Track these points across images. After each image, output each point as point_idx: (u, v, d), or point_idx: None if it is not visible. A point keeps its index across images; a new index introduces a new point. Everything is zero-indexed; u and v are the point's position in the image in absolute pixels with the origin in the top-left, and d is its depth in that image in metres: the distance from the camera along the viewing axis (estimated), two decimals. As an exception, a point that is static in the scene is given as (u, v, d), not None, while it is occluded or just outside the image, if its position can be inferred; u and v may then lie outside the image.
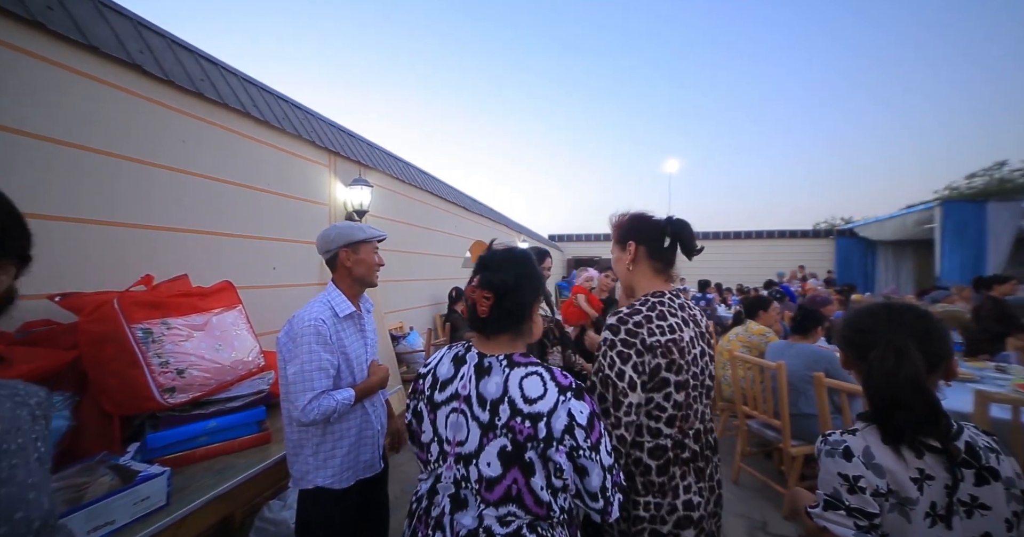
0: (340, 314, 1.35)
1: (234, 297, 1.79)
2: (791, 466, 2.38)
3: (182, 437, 1.37)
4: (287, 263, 2.67)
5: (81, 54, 1.65)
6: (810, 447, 2.37)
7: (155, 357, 1.35)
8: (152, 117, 1.92)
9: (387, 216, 3.91)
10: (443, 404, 0.87)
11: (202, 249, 2.14)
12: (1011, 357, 3.03)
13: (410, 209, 4.42)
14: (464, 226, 6.14)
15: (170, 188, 1.99)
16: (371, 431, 1.42)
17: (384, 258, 1.53)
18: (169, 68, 1.97)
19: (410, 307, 4.46)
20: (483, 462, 0.79)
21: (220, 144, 2.26)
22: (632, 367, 0.98)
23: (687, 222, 1.14)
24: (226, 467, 1.37)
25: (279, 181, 2.63)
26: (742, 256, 13.21)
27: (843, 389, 2.06)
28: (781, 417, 2.40)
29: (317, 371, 1.24)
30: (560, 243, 15.45)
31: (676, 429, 1.03)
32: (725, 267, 12.67)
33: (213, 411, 1.45)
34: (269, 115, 2.55)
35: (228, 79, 2.40)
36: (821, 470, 0.84)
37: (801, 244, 12.80)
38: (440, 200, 5.22)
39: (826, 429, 2.07)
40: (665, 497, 1.02)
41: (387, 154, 4.08)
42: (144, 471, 1.13)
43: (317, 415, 1.22)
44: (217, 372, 1.51)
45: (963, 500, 0.75)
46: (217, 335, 1.58)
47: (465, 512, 0.80)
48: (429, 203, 4.91)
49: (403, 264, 4.26)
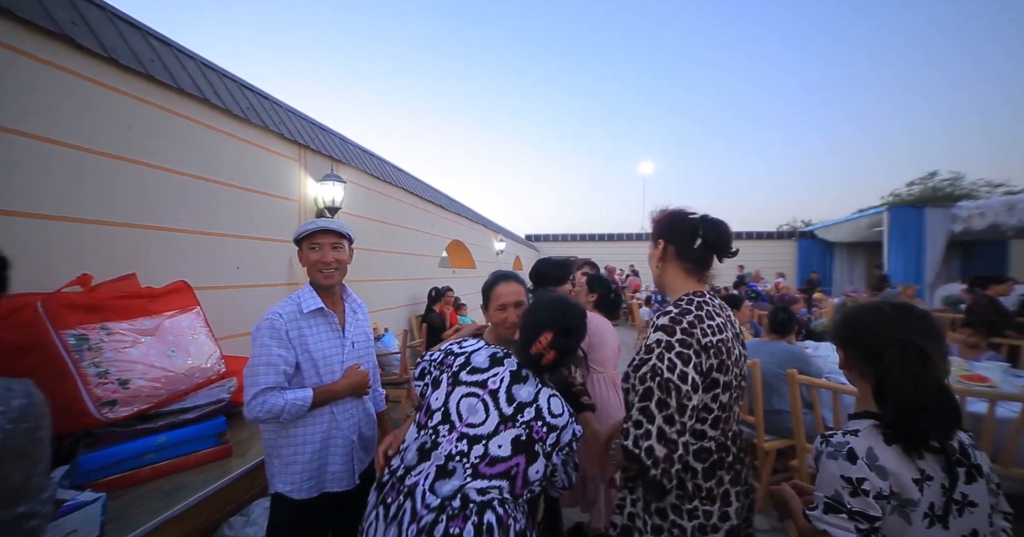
0: (304, 310, 1.28)
1: (190, 298, 1.64)
2: (764, 461, 2.43)
3: (124, 456, 1.22)
4: (253, 262, 2.49)
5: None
6: (782, 441, 2.44)
7: (91, 366, 1.19)
8: (89, 98, 1.72)
9: (360, 214, 3.75)
10: (465, 385, 1.03)
11: (154, 246, 1.95)
12: (954, 349, 3.23)
13: (385, 207, 4.27)
14: (441, 225, 6.02)
15: (112, 178, 1.79)
16: (342, 440, 1.32)
17: (357, 257, 1.44)
18: (111, 44, 1.78)
19: (385, 308, 4.31)
20: (494, 443, 0.96)
21: (175, 132, 2.07)
22: (693, 368, 0.92)
23: (721, 222, 1.08)
24: (177, 487, 1.23)
25: (243, 175, 2.45)
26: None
27: (815, 385, 2.12)
28: (755, 413, 2.45)
29: (264, 366, 1.19)
30: (537, 243, 15.53)
31: (719, 432, 1.00)
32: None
33: (163, 425, 1.31)
34: (232, 104, 2.37)
35: (184, 62, 2.21)
36: (821, 471, 0.81)
37: (766, 245, 13.42)
38: (416, 198, 5.08)
39: (798, 425, 2.16)
40: (714, 503, 0.97)
41: (360, 149, 3.91)
42: (71, 500, 0.98)
43: (260, 413, 1.16)
44: (169, 381, 1.36)
45: (956, 499, 0.75)
46: (170, 340, 1.43)
47: (446, 481, 0.93)
48: (405, 201, 4.76)
49: (378, 263, 4.10)
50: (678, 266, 1.09)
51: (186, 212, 2.11)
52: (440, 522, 0.88)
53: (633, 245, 15.04)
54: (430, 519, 0.89)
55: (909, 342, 0.77)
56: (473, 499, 0.91)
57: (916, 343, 0.77)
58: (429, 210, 5.56)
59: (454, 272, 6.79)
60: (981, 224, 8.00)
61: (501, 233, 9.76)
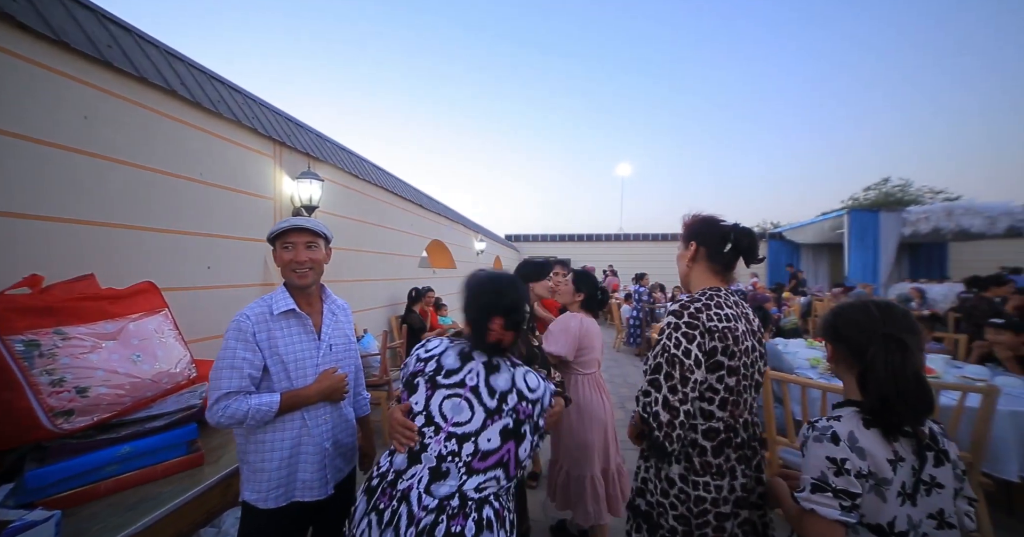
0: (275, 311, 1.22)
1: (157, 300, 1.55)
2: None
3: (81, 469, 1.13)
4: (225, 262, 2.38)
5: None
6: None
7: (43, 375, 1.10)
8: (38, 83, 1.59)
9: (338, 213, 3.65)
10: (444, 387, 1.03)
11: (116, 245, 1.83)
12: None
13: (363, 206, 4.17)
14: (421, 224, 5.94)
15: (68, 171, 1.67)
16: (313, 447, 1.24)
17: (335, 257, 1.38)
18: (59, 25, 1.65)
19: (364, 309, 4.21)
20: (483, 438, 0.97)
21: (138, 124, 1.95)
22: (697, 346, 1.03)
23: (751, 231, 1.18)
24: (143, 499, 1.15)
25: (214, 171, 2.34)
26: (687, 257, 14.07)
27: (786, 381, 2.21)
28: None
29: (227, 369, 1.14)
30: (517, 243, 15.56)
31: (728, 413, 1.07)
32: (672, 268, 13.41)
33: (127, 434, 1.22)
34: (201, 96, 2.26)
35: (147, 50, 2.09)
36: (808, 455, 0.87)
37: (738, 246, 13.90)
38: (395, 197, 4.99)
39: (769, 418, 2.25)
40: (723, 479, 1.06)
41: (338, 147, 3.81)
42: (19, 520, 0.90)
43: (222, 418, 1.11)
44: (134, 388, 1.28)
45: (924, 480, 0.82)
46: (135, 344, 1.35)
47: (442, 483, 0.94)
48: (384, 200, 4.67)
49: (356, 263, 4.00)
50: (707, 267, 1.19)
51: (150, 209, 1.99)
52: (440, 522, 0.89)
53: (611, 245, 15.30)
54: (429, 520, 0.89)
55: (891, 336, 0.83)
56: (471, 497, 0.93)
57: (897, 337, 0.83)
58: (409, 209, 5.48)
59: (434, 272, 6.71)
60: (926, 228, 8.70)
61: (481, 233, 9.73)
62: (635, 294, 6.98)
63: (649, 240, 15.21)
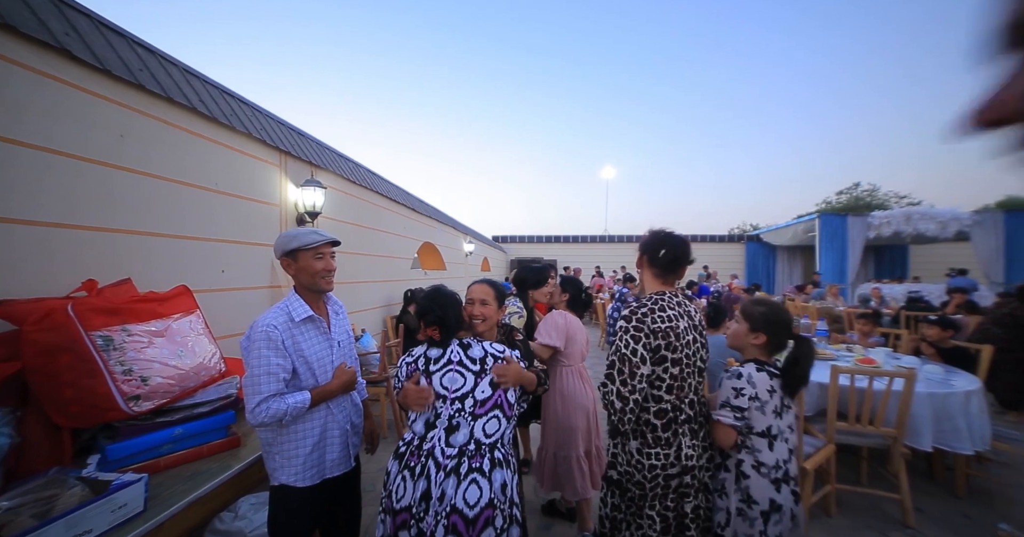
0: (296, 319, 1.36)
1: (191, 302, 1.74)
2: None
3: (145, 447, 1.34)
4: (237, 266, 2.56)
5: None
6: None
7: (117, 365, 1.30)
8: (84, 108, 1.77)
9: (338, 218, 3.84)
10: (438, 370, 1.33)
11: (145, 251, 2.00)
12: (854, 337, 3.82)
13: (361, 210, 4.36)
14: (413, 227, 6.13)
15: (105, 185, 1.85)
16: (338, 430, 1.46)
17: (336, 261, 1.51)
18: (103, 55, 1.84)
19: (362, 309, 4.39)
20: (478, 391, 1.29)
21: (162, 140, 2.13)
22: (643, 346, 1.30)
23: (678, 238, 1.44)
24: (196, 473, 1.36)
25: (228, 180, 2.52)
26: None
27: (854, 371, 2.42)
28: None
29: (265, 376, 1.27)
30: (504, 244, 15.78)
31: (674, 396, 1.33)
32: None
33: (179, 418, 1.43)
34: (216, 111, 2.43)
35: (169, 70, 2.27)
36: (722, 387, 1.41)
37: (718, 247, 14.48)
38: (390, 201, 5.18)
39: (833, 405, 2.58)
40: (670, 448, 1.32)
41: (337, 154, 3.99)
42: (117, 479, 1.12)
43: (266, 418, 1.25)
44: (180, 378, 1.48)
45: (786, 404, 1.40)
46: (178, 341, 1.54)
47: (458, 433, 1.24)
48: (379, 204, 4.86)
49: (354, 266, 4.19)
50: (651, 272, 1.44)
51: (179, 218, 2.17)
52: (463, 462, 1.19)
53: (598, 246, 15.68)
54: (453, 463, 1.18)
55: (790, 325, 1.44)
56: (483, 442, 1.24)
57: (800, 334, 1.45)
58: (402, 213, 5.66)
59: (425, 273, 6.90)
60: (888, 231, 9.31)
61: (470, 235, 9.94)
62: (618, 295, 7.31)
63: (633, 241, 15.63)
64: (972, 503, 2.45)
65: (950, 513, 2.37)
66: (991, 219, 8.96)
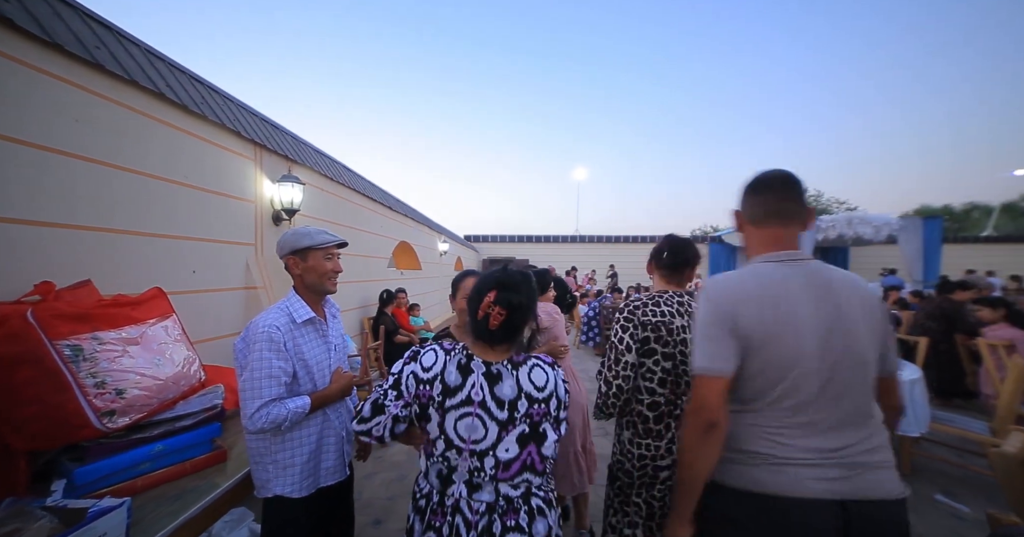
0: (298, 320, 1.30)
1: (166, 305, 1.59)
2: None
3: (120, 467, 1.20)
4: (209, 265, 2.37)
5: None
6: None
7: (88, 377, 1.16)
8: (28, 85, 1.56)
9: (315, 215, 3.65)
10: (453, 409, 0.99)
11: (106, 250, 1.81)
12: None
13: (338, 208, 4.17)
14: (389, 226, 5.95)
15: (57, 176, 1.65)
16: (334, 437, 1.40)
17: None
18: (49, 25, 1.62)
19: (338, 312, 4.21)
20: (501, 450, 0.97)
21: (125, 127, 1.93)
22: (629, 335, 1.37)
23: (676, 239, 1.53)
24: (183, 491, 1.24)
25: (199, 174, 2.33)
26: (640, 258, 15.16)
27: None
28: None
29: (267, 379, 1.21)
30: (476, 244, 15.68)
31: (668, 390, 1.37)
32: (627, 267, 14.44)
33: (159, 433, 1.30)
34: (186, 98, 2.24)
35: (130, 50, 2.06)
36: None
37: (683, 249, 15.06)
38: (366, 199, 5.00)
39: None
40: (661, 440, 1.36)
41: (314, 149, 3.80)
42: (94, 506, 1.00)
43: (265, 424, 1.18)
44: (159, 389, 1.34)
45: None
46: (155, 349, 1.41)
47: (482, 491, 0.98)
48: (355, 202, 4.68)
49: (330, 266, 4.00)
50: (658, 273, 1.53)
51: (145, 213, 1.98)
52: (495, 521, 0.95)
53: (569, 246, 15.92)
54: (485, 521, 0.95)
55: None
56: (512, 495, 0.98)
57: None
58: (378, 211, 5.48)
59: (401, 273, 6.72)
60: (833, 234, 10.29)
61: (444, 234, 9.79)
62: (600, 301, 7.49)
63: (604, 242, 16.03)
64: (915, 479, 2.73)
65: (899, 490, 2.63)
66: (912, 224, 10.13)
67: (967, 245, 14.47)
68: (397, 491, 2.56)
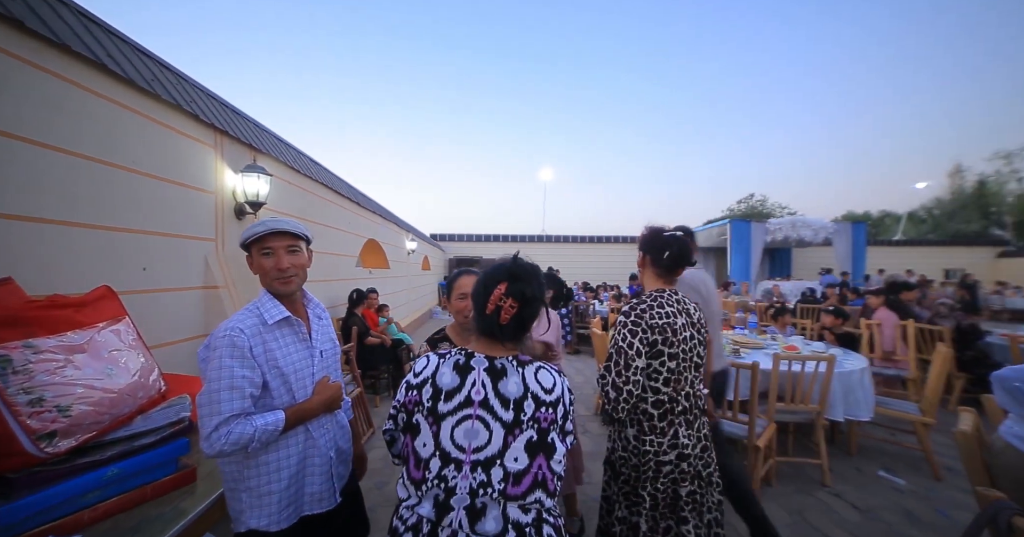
0: (269, 321, 1.12)
1: (118, 307, 1.38)
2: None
3: (59, 500, 1.00)
4: (164, 263, 2.11)
5: None
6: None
7: (20, 394, 0.97)
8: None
9: (279, 209, 3.38)
10: (450, 414, 0.88)
11: (33, 243, 1.55)
12: (775, 329, 4.41)
13: (304, 203, 3.90)
14: (357, 223, 5.67)
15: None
16: (319, 458, 1.20)
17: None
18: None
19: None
20: (509, 458, 0.85)
21: (57, 99, 1.66)
22: (639, 340, 1.34)
23: (678, 239, 1.46)
24: (143, 521, 1.07)
25: (151, 160, 2.06)
26: (606, 258, 15.58)
27: None
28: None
29: (227, 391, 1.02)
30: (443, 243, 15.42)
31: (671, 389, 1.37)
32: (597, 267, 14.78)
33: (113, 455, 1.11)
34: (133, 72, 1.98)
35: (60, 11, 1.78)
36: None
37: (646, 249, 15.69)
38: (335, 194, 4.73)
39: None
40: (664, 437, 1.38)
41: (278, 139, 3.52)
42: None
43: (225, 445, 0.99)
44: (112, 403, 1.15)
45: None
46: (105, 356, 1.21)
47: (485, 518, 0.83)
48: (324, 197, 4.40)
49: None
50: (653, 272, 1.49)
51: (77, 200, 1.72)
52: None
53: (536, 246, 16.06)
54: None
55: None
56: (524, 522, 0.84)
57: None
58: (346, 207, 5.21)
59: (370, 272, 6.43)
60: (780, 236, 11.34)
61: (412, 232, 9.52)
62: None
63: (571, 242, 16.31)
64: (861, 459, 3.04)
65: (846, 468, 2.90)
66: (843, 228, 11.38)
67: (883, 247, 16.35)
68: (376, 500, 2.41)
